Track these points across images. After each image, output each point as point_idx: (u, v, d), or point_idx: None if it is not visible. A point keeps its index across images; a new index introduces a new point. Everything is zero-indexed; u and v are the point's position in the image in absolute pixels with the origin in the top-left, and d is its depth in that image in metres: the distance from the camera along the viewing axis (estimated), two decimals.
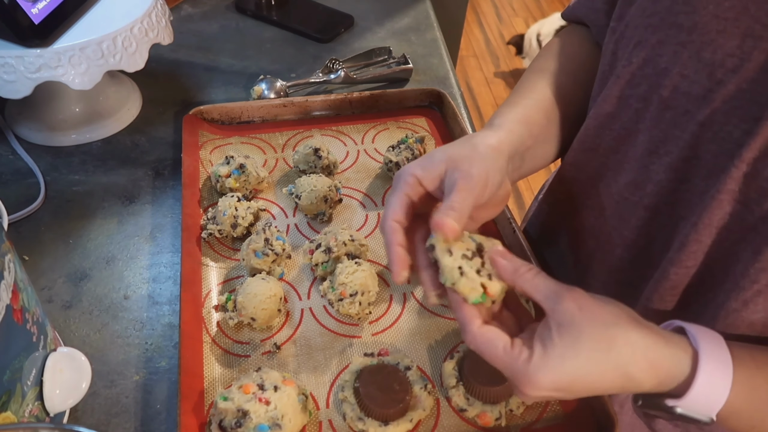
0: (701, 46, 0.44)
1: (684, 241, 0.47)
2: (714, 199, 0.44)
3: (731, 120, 0.44)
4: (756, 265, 0.43)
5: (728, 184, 0.43)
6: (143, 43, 0.72)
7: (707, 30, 0.44)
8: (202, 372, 0.54)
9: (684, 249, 0.47)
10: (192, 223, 0.65)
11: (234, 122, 0.80)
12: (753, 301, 0.44)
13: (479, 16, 3.22)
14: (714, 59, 0.44)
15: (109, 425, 0.52)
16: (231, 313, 0.57)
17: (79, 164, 0.75)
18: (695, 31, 0.44)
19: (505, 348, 0.40)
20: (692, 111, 0.46)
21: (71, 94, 0.78)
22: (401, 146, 0.73)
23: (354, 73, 0.90)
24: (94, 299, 0.61)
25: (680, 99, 0.46)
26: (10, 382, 0.41)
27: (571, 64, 0.60)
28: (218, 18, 1.05)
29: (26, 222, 0.68)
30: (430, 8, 1.12)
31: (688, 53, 0.45)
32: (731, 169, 0.43)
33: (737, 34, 0.43)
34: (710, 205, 0.45)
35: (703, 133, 0.45)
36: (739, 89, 0.43)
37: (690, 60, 0.45)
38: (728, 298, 0.46)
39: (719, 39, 0.43)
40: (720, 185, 0.44)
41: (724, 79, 0.43)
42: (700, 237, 0.46)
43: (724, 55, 0.43)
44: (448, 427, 0.52)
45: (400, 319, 0.59)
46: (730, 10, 0.43)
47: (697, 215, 0.46)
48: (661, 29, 0.47)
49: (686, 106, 0.46)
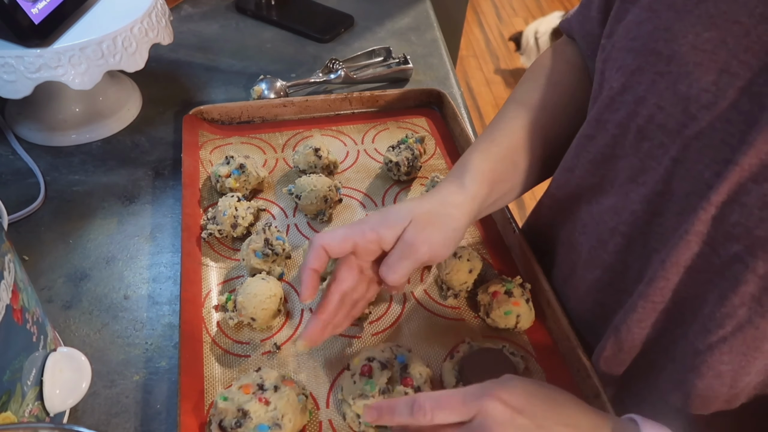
0: (678, 78, 0.43)
1: (653, 276, 0.46)
2: (682, 239, 0.44)
3: (702, 159, 0.42)
4: (722, 310, 0.43)
5: (696, 226, 0.43)
6: (143, 43, 0.72)
7: (685, 61, 0.42)
8: (202, 372, 0.54)
9: (652, 284, 0.46)
10: (192, 223, 0.65)
11: (234, 122, 0.80)
12: (718, 348, 0.44)
13: (479, 16, 3.22)
14: (689, 93, 0.42)
15: (109, 425, 0.52)
16: (231, 313, 0.57)
17: (79, 164, 0.75)
18: (673, 61, 0.43)
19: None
20: (667, 144, 0.45)
21: (71, 94, 0.78)
22: (401, 146, 0.73)
23: (354, 73, 0.90)
24: (94, 299, 0.61)
25: (655, 131, 0.45)
26: (10, 382, 0.41)
27: (553, 93, 0.59)
28: (218, 18, 1.05)
29: (26, 222, 0.68)
30: (430, 8, 1.12)
31: (665, 84, 0.44)
32: (699, 211, 0.42)
33: (714, 69, 0.41)
34: (678, 244, 0.44)
35: (676, 170, 0.44)
36: (712, 127, 0.41)
37: (666, 91, 0.44)
38: (696, 338, 0.45)
39: (696, 72, 0.42)
40: (688, 226, 0.43)
41: (697, 114, 0.42)
42: (667, 275, 0.45)
43: (699, 90, 0.42)
44: None
45: (400, 319, 0.59)
46: (708, 42, 0.41)
47: (665, 252, 0.45)
48: (641, 55, 0.46)
49: (661, 138, 0.45)
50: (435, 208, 0.50)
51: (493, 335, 0.58)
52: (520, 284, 0.60)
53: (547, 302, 0.59)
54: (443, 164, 0.77)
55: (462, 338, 0.57)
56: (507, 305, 0.57)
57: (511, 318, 0.57)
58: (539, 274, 0.60)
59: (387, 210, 0.51)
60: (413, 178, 0.74)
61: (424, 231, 0.49)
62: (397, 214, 0.50)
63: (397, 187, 0.73)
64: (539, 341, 0.58)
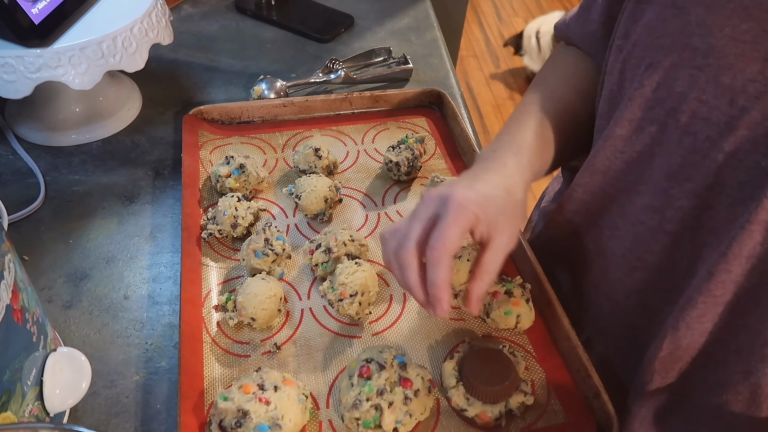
0: (719, 71, 0.43)
1: (712, 270, 0.45)
2: (744, 229, 0.43)
3: (759, 148, 0.42)
4: None
5: (759, 215, 0.42)
6: (143, 43, 0.72)
7: (725, 54, 0.42)
8: (202, 372, 0.54)
9: (712, 278, 0.45)
10: (192, 223, 0.65)
11: (234, 122, 0.80)
12: None
13: (479, 16, 3.22)
14: (734, 85, 0.42)
15: (109, 425, 0.52)
16: (231, 313, 0.57)
17: (79, 164, 0.75)
18: (712, 54, 0.43)
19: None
20: (714, 138, 0.44)
21: (71, 94, 0.78)
22: (401, 146, 0.73)
23: (354, 73, 0.90)
24: (94, 299, 0.61)
25: (700, 125, 0.45)
26: (10, 382, 0.41)
27: (572, 77, 0.61)
28: (218, 18, 1.05)
29: (26, 222, 0.68)
30: (430, 8, 1.12)
31: (706, 78, 0.43)
32: (763, 200, 0.42)
33: (757, 59, 0.41)
34: (739, 235, 0.43)
35: (728, 161, 0.44)
36: (765, 116, 0.41)
37: (708, 85, 0.43)
38: (763, 326, 0.45)
39: (738, 63, 0.42)
40: (750, 215, 0.42)
41: (747, 105, 0.42)
42: (729, 267, 0.44)
43: (745, 81, 0.42)
44: (448, 427, 0.52)
45: (400, 319, 0.59)
46: (747, 32, 0.41)
47: (725, 244, 0.44)
48: (674, 51, 0.45)
49: (707, 132, 0.45)
50: (503, 199, 0.49)
51: (493, 335, 0.58)
52: (520, 284, 0.60)
53: (547, 302, 0.59)
54: (443, 164, 0.77)
55: (462, 338, 0.57)
56: (507, 305, 0.57)
57: (511, 318, 0.57)
58: (540, 274, 0.60)
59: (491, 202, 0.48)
60: (413, 178, 0.74)
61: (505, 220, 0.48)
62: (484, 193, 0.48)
63: (397, 187, 0.73)
64: (539, 341, 0.58)
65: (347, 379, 0.51)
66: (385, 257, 0.49)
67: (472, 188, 0.47)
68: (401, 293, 0.61)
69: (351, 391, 0.50)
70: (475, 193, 0.47)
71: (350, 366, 0.52)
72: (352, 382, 0.51)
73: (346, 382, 0.51)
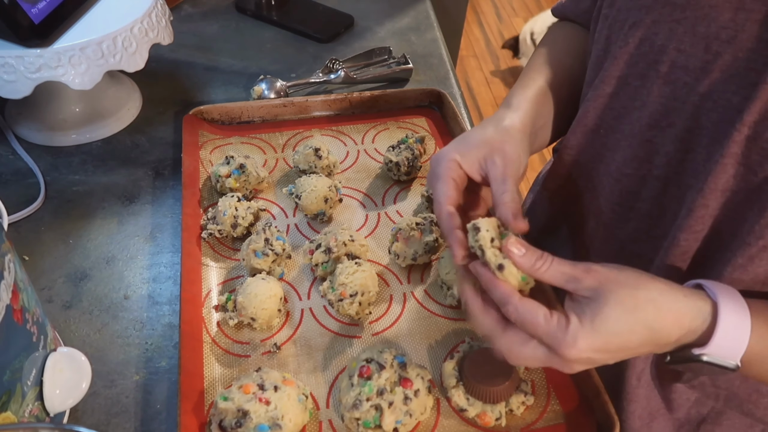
0: (696, 21, 0.46)
1: (691, 207, 0.48)
2: (718, 163, 0.46)
3: (729, 87, 0.45)
4: (761, 222, 0.45)
5: (731, 148, 0.45)
6: (143, 43, 0.72)
7: (700, 6, 0.46)
8: (202, 372, 0.54)
9: (691, 215, 0.48)
10: (192, 223, 0.65)
11: (234, 122, 0.80)
12: (758, 256, 0.46)
13: (479, 16, 3.22)
14: (709, 32, 0.46)
15: (109, 425, 0.52)
16: (231, 313, 0.57)
17: (79, 164, 0.75)
18: (689, 8, 0.47)
19: (546, 317, 0.42)
20: (691, 83, 0.48)
21: (71, 94, 0.78)
22: (401, 146, 0.73)
23: (354, 73, 0.90)
24: (94, 299, 0.61)
25: (678, 73, 0.48)
26: (10, 382, 0.41)
27: (574, 45, 0.64)
28: (218, 18, 1.05)
29: (26, 222, 0.68)
30: (430, 8, 1.12)
31: (683, 29, 0.47)
32: (733, 133, 0.45)
33: (729, 8, 0.45)
34: (714, 170, 0.46)
35: (704, 103, 0.47)
36: (735, 58, 0.45)
37: (686, 35, 0.47)
38: (734, 255, 0.47)
39: (712, 13, 0.46)
40: (723, 150, 0.45)
41: (720, 50, 0.46)
42: (706, 201, 0.47)
43: (719, 28, 0.45)
44: (448, 427, 0.52)
45: (400, 319, 0.59)
46: None
47: (702, 181, 0.47)
48: (654, 9, 0.49)
49: (685, 78, 0.48)
50: (500, 133, 0.52)
51: None
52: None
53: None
54: None
55: (462, 338, 0.57)
56: None
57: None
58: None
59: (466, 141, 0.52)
60: (413, 178, 0.74)
61: (502, 150, 0.50)
62: (466, 141, 0.52)
63: (397, 187, 0.73)
64: None
65: (347, 379, 0.51)
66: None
67: (455, 141, 0.53)
68: (401, 293, 0.62)
69: (351, 391, 0.50)
70: (455, 143, 0.53)
71: (350, 366, 0.52)
72: (352, 382, 0.51)
73: (346, 382, 0.51)
